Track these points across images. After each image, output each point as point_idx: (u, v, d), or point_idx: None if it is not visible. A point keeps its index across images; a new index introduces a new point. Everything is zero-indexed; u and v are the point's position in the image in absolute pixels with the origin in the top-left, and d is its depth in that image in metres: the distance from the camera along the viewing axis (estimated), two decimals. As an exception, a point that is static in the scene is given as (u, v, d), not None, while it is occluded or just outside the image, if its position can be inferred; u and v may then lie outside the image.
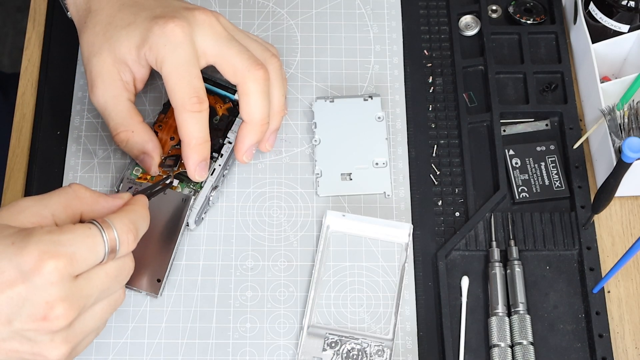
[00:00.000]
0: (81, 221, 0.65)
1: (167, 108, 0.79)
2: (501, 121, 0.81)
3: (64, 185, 0.78)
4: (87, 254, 0.60)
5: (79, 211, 0.64)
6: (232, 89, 0.79)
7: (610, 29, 0.81)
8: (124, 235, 0.63)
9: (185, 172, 0.76)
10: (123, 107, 0.74)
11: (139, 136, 0.75)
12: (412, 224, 0.77)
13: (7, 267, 0.58)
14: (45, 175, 0.79)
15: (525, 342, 0.72)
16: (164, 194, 0.75)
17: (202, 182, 0.76)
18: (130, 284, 0.74)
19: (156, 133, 0.78)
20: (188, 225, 0.75)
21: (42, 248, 0.58)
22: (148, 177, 0.76)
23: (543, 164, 0.80)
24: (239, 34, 0.75)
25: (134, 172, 0.77)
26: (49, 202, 0.63)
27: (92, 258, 0.61)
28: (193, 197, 0.75)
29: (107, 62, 0.73)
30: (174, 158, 0.77)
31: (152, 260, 0.74)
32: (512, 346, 0.73)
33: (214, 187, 0.76)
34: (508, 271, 0.75)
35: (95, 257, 0.61)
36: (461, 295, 0.75)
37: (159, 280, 0.74)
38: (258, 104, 0.74)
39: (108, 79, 0.74)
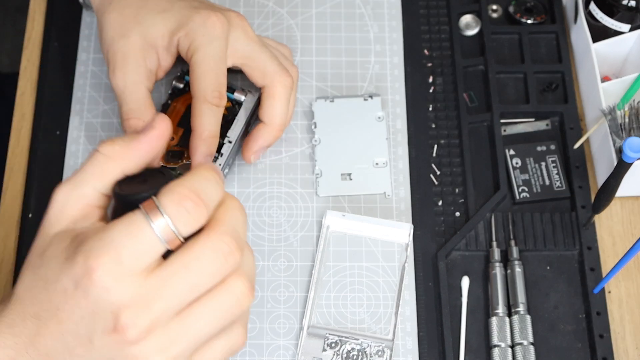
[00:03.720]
0: (131, 179, 0.56)
1: (165, 109, 0.79)
2: (501, 121, 0.81)
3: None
4: (135, 245, 0.51)
5: (120, 171, 0.56)
6: (232, 89, 0.79)
7: (611, 28, 0.81)
8: (175, 208, 0.52)
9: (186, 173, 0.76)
10: (141, 95, 0.73)
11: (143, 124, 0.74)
12: (412, 224, 0.77)
13: (67, 284, 0.52)
14: (44, 175, 0.79)
15: (525, 343, 0.72)
16: None
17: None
18: None
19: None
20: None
21: (86, 252, 0.51)
22: None
23: (543, 164, 0.80)
24: (266, 42, 0.78)
25: None
26: (83, 179, 0.56)
27: (144, 248, 0.51)
28: None
29: (135, 45, 0.73)
30: (178, 153, 0.77)
31: None
32: (512, 346, 0.72)
33: (214, 187, 0.76)
34: (508, 271, 0.75)
35: (149, 246, 0.52)
36: (461, 295, 0.75)
37: None
38: (282, 108, 0.76)
39: (133, 62, 0.73)
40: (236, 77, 0.81)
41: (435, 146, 0.81)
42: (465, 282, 0.75)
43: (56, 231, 0.55)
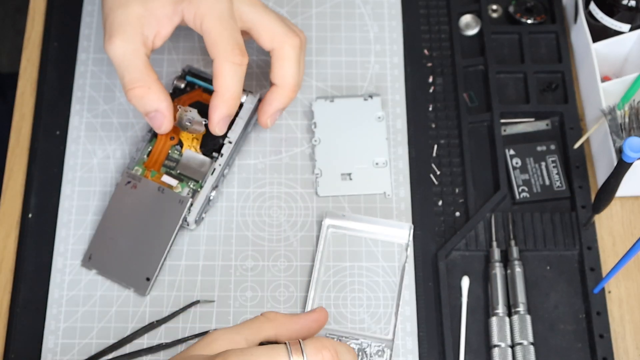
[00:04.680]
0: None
1: (166, 108, 0.79)
2: (501, 121, 0.81)
3: (63, 183, 0.78)
4: None
5: (273, 334, 0.63)
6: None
7: (611, 28, 0.81)
8: (315, 352, 0.58)
9: (186, 173, 0.76)
10: (141, 62, 0.73)
11: (155, 94, 0.73)
12: (412, 224, 0.77)
13: None
14: (44, 175, 0.79)
15: (525, 343, 0.72)
16: (162, 193, 0.75)
17: (201, 182, 0.76)
18: (119, 279, 0.74)
19: (155, 133, 0.78)
20: (188, 225, 0.75)
21: (226, 355, 0.57)
22: (152, 165, 0.76)
23: (543, 163, 0.80)
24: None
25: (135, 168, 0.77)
26: (241, 328, 0.62)
27: None
28: (190, 198, 0.75)
29: (133, 14, 0.72)
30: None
31: (144, 258, 0.74)
32: (512, 346, 0.72)
33: (214, 187, 0.76)
34: (508, 271, 0.75)
35: None
36: (461, 295, 0.75)
37: (148, 279, 0.74)
38: (293, 68, 0.76)
39: (130, 31, 0.72)
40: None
41: (435, 146, 0.81)
42: (465, 282, 0.75)
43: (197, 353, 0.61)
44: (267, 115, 0.77)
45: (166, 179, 0.76)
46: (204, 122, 0.76)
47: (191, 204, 0.75)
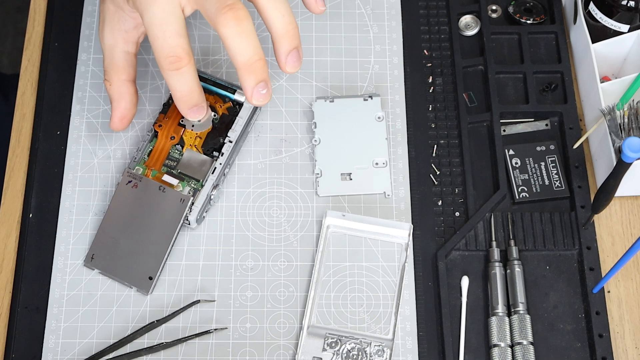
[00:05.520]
0: None
1: (167, 108, 0.79)
2: (501, 121, 0.81)
3: (63, 183, 0.78)
4: None
5: None
6: (232, 89, 0.79)
7: (610, 28, 0.81)
8: None
9: (187, 172, 0.76)
10: (115, 57, 0.76)
11: (112, 90, 0.76)
12: (412, 224, 0.77)
13: None
14: (45, 175, 0.79)
15: (525, 342, 0.72)
16: (163, 192, 0.75)
17: (202, 181, 0.76)
18: (122, 278, 0.74)
19: (156, 133, 0.78)
20: (189, 224, 0.75)
21: None
22: (152, 166, 0.77)
23: (543, 163, 0.80)
24: None
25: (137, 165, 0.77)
26: None
27: None
28: (192, 197, 0.75)
29: (110, 9, 0.75)
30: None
31: (146, 257, 0.74)
32: (512, 346, 0.73)
33: (215, 186, 0.76)
34: (508, 271, 0.75)
35: None
36: (461, 295, 0.75)
37: (150, 278, 0.74)
38: (235, 46, 0.66)
39: (109, 25, 0.75)
40: (237, 78, 0.81)
41: (435, 146, 0.81)
42: (464, 281, 0.75)
43: None
44: (248, 97, 0.68)
45: (167, 178, 0.76)
46: (212, 115, 0.77)
47: (192, 203, 0.75)
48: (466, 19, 0.86)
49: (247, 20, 0.66)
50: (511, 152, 0.80)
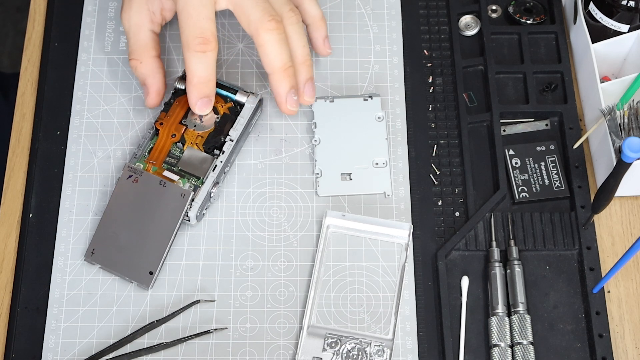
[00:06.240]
0: None
1: (168, 107, 0.79)
2: (501, 121, 0.81)
3: (63, 183, 0.78)
4: None
5: None
6: (233, 89, 0.79)
7: (610, 28, 0.81)
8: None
9: (187, 169, 0.76)
10: (142, 37, 0.78)
11: (144, 68, 0.78)
12: (412, 224, 0.77)
13: None
14: (45, 175, 0.79)
15: (525, 342, 0.72)
16: (164, 186, 0.75)
17: (203, 178, 0.76)
18: (122, 273, 0.74)
19: (157, 130, 0.78)
20: (189, 220, 0.75)
21: None
22: (153, 163, 0.77)
23: (543, 163, 0.80)
24: None
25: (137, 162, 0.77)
26: None
27: None
28: (192, 192, 0.75)
29: None
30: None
31: (147, 252, 0.74)
32: (512, 346, 0.73)
33: (215, 183, 0.76)
34: (508, 271, 0.75)
35: None
36: (461, 295, 0.75)
37: (151, 273, 0.74)
38: (274, 51, 0.75)
39: (136, 5, 0.78)
40: (237, 79, 0.81)
41: (435, 146, 0.81)
42: (464, 282, 0.75)
43: None
44: (283, 103, 0.77)
45: (167, 174, 0.76)
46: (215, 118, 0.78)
47: (192, 199, 0.75)
48: (466, 19, 0.86)
49: (283, 30, 0.74)
50: (511, 152, 0.80)
